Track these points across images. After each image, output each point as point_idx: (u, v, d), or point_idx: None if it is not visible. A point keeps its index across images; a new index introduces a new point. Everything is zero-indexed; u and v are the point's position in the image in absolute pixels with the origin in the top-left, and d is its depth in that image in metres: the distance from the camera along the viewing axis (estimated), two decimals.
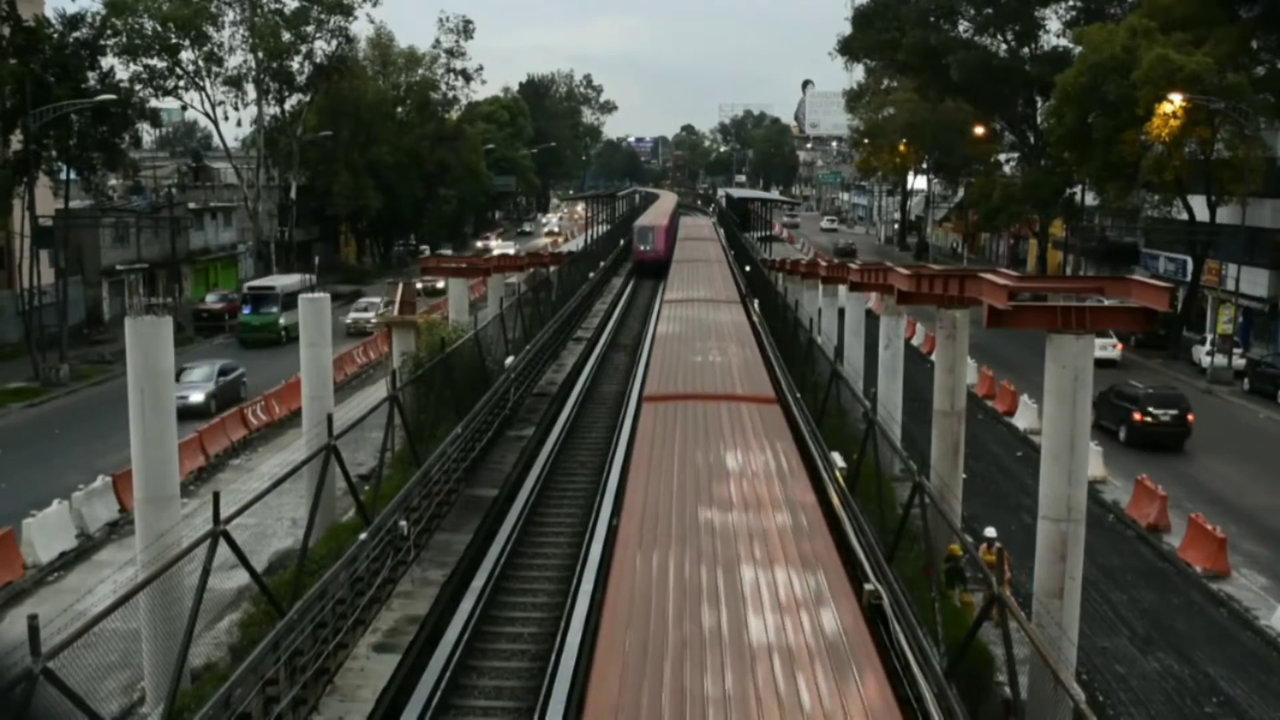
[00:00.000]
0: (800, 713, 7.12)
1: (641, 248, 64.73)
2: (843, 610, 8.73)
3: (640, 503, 11.54)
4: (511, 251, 73.34)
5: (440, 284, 49.97)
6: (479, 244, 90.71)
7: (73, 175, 43.70)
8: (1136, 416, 29.71)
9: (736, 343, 22.58)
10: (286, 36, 60.92)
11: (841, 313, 31.24)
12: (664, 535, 10.44)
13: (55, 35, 42.31)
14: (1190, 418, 30.18)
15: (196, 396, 33.22)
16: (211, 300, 54.85)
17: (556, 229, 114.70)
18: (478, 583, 16.79)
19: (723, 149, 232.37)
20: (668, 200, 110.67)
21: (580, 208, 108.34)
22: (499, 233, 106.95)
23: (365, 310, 51.79)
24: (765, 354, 25.00)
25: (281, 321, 47.28)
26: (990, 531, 17.45)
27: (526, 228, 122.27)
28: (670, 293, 33.06)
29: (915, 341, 44.87)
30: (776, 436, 14.56)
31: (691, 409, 15.91)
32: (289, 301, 46.99)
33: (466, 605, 15.96)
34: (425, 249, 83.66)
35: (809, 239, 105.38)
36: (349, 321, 49.46)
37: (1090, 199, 55.82)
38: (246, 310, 48.62)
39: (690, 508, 11.35)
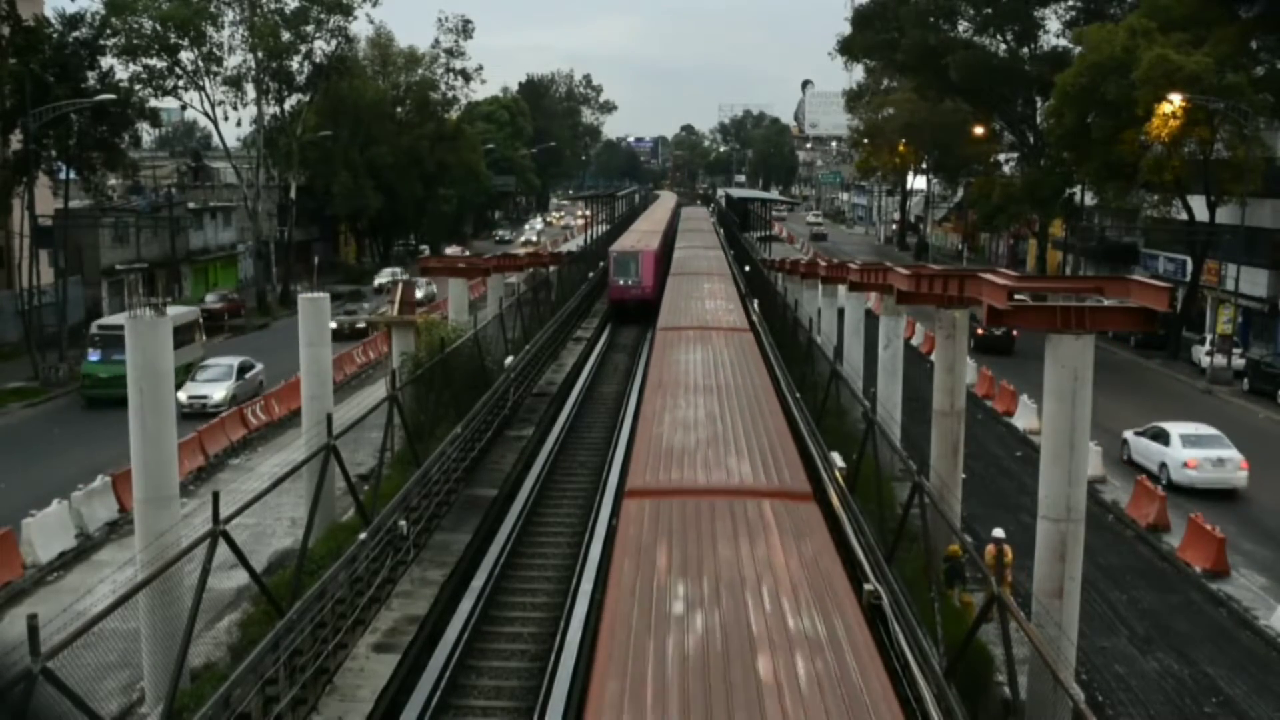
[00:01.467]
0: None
1: (620, 281, 46.41)
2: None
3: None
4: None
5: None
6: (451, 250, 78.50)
7: (72, 175, 43.70)
8: (979, 331, 40.03)
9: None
10: (286, 36, 60.84)
11: (841, 312, 31.26)
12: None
13: (55, 35, 42.30)
14: (1015, 334, 42.69)
15: None
16: (211, 300, 54.83)
17: (536, 239, 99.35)
18: (477, 582, 16.81)
19: (722, 149, 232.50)
20: (664, 206, 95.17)
21: (575, 215, 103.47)
22: (466, 246, 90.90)
23: (212, 381, 34.68)
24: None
25: None
26: (999, 532, 17.47)
27: (508, 234, 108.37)
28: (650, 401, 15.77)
29: (915, 341, 44.88)
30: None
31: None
32: None
33: (466, 605, 15.98)
34: (425, 249, 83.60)
35: (795, 231, 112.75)
36: (184, 400, 32.31)
37: (1090, 199, 55.82)
38: (93, 357, 35.55)
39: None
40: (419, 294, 45.24)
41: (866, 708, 7.21)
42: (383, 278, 65.84)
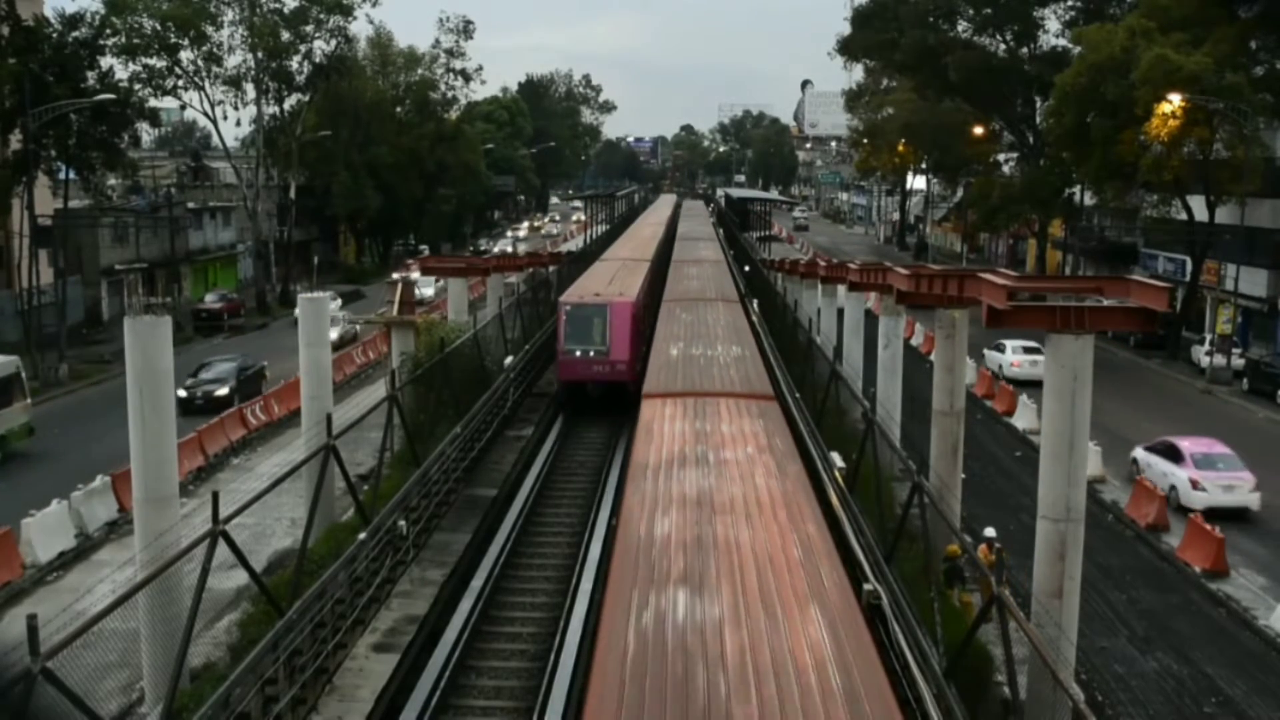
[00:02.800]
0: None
1: (575, 351, 27.61)
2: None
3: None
4: (431, 292, 54.33)
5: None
6: (395, 275, 61.40)
7: (72, 175, 43.72)
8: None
9: None
10: (286, 36, 60.85)
11: (840, 313, 31.26)
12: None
13: (54, 35, 42.30)
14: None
15: None
16: (210, 300, 54.85)
17: (511, 249, 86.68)
18: (477, 582, 16.80)
19: (722, 149, 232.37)
20: (658, 216, 76.54)
21: (566, 219, 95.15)
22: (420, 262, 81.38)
23: None
24: None
25: None
26: (990, 531, 17.46)
27: (484, 244, 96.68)
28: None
29: (914, 341, 44.88)
30: None
31: None
32: None
33: (466, 605, 15.97)
34: (425, 249, 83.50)
35: (782, 225, 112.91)
36: None
37: (1089, 199, 55.81)
38: None
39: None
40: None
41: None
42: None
